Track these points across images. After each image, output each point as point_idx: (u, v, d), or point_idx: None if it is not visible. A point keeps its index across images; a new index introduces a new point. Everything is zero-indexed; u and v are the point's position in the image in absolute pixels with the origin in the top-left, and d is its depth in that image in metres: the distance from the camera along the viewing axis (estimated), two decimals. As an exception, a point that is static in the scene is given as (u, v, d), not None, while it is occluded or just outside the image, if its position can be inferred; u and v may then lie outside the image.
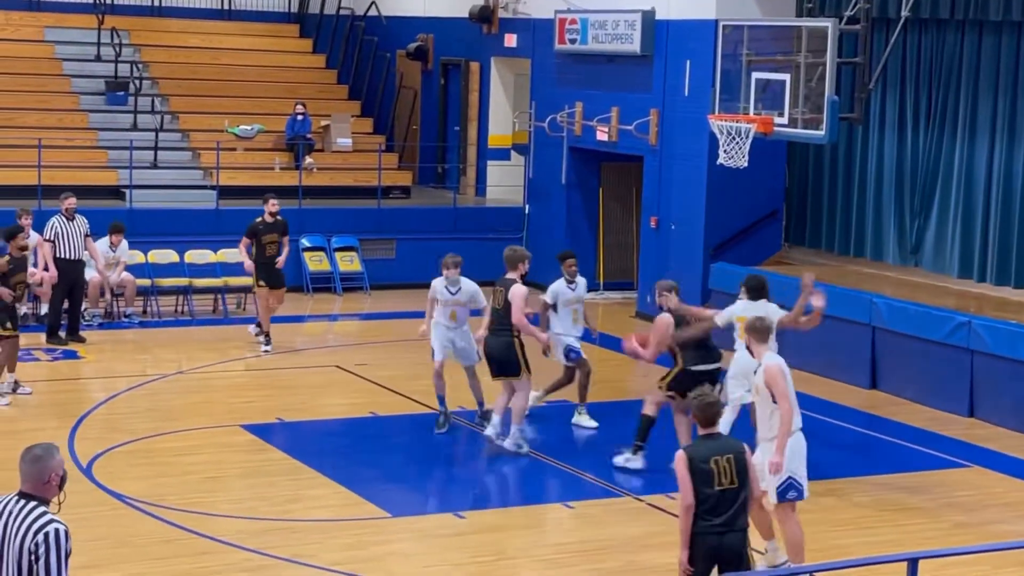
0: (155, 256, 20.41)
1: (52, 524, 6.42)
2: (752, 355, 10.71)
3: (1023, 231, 17.86)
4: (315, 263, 22.12)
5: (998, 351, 15.59)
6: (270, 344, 17.96)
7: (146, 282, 19.99)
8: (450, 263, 14.41)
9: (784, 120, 16.69)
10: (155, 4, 26.65)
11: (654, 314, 19.82)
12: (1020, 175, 17.81)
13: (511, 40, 24.00)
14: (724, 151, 17.10)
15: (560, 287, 14.88)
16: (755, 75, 17.14)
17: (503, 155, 24.73)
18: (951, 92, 18.74)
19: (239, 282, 20.44)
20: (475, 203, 24.55)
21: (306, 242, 21.94)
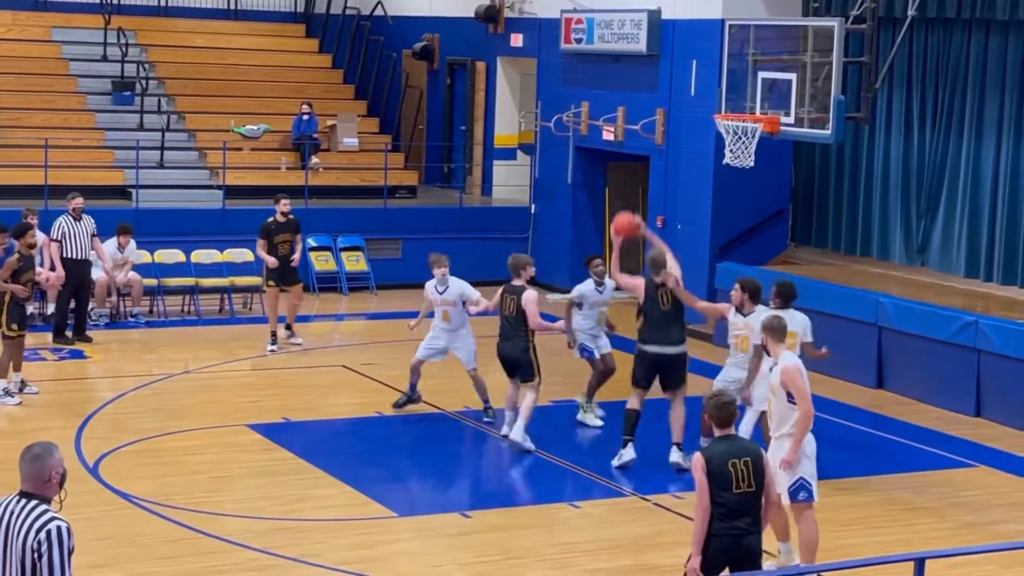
0: (161, 256, 20.42)
1: (54, 522, 6.43)
2: (767, 354, 10.69)
3: (1030, 230, 17.89)
4: (321, 263, 22.12)
5: (1005, 351, 15.56)
6: (276, 343, 17.97)
7: (152, 282, 20.00)
8: (435, 262, 14.67)
9: (790, 120, 16.68)
10: (161, 4, 26.66)
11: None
12: (1027, 174, 17.83)
13: (517, 40, 23.99)
14: (730, 151, 17.09)
15: (588, 289, 14.82)
16: (761, 75, 17.13)
17: (509, 155, 24.73)
18: (958, 91, 18.72)
19: (245, 282, 20.47)
20: (481, 203, 24.54)
21: (312, 242, 21.93)
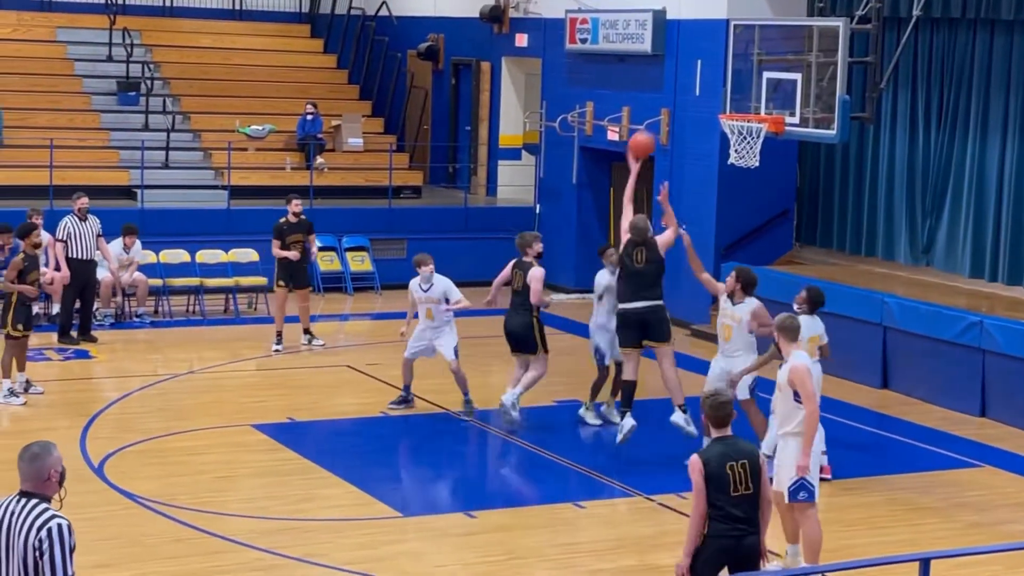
0: (166, 256, 20.43)
1: (55, 520, 6.45)
2: (779, 353, 10.67)
3: (1035, 230, 17.88)
4: (326, 263, 22.12)
5: (1010, 351, 15.55)
6: (281, 343, 17.98)
7: (157, 282, 20.01)
8: (421, 261, 14.92)
9: (795, 120, 16.67)
10: (166, 4, 26.69)
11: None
12: (1032, 174, 17.82)
13: (522, 40, 23.99)
14: (735, 151, 17.08)
15: (605, 278, 14.83)
16: (766, 74, 17.13)
17: (514, 155, 24.73)
18: (963, 91, 18.70)
19: (250, 282, 20.48)
20: (486, 203, 24.54)
21: (317, 242, 21.90)
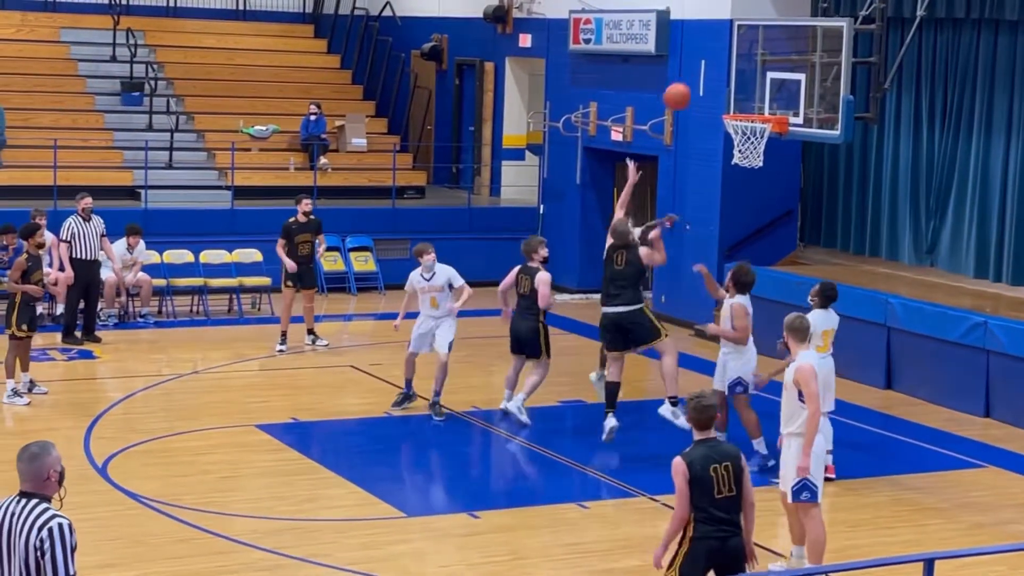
0: (170, 256, 20.44)
1: (56, 519, 6.45)
2: (788, 351, 10.66)
3: (1040, 231, 17.86)
4: (330, 263, 22.12)
5: (1014, 351, 15.53)
6: (285, 343, 17.97)
7: (161, 282, 20.02)
8: (422, 250, 14.99)
9: (799, 120, 16.67)
10: (170, 5, 26.70)
11: (669, 314, 19.91)
12: (1036, 174, 17.80)
13: (526, 40, 23.99)
14: (739, 151, 17.07)
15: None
16: (770, 75, 17.12)
17: (518, 155, 24.72)
18: (967, 91, 18.69)
19: (254, 282, 20.49)
20: (489, 203, 24.54)
21: (324, 242, 21.91)
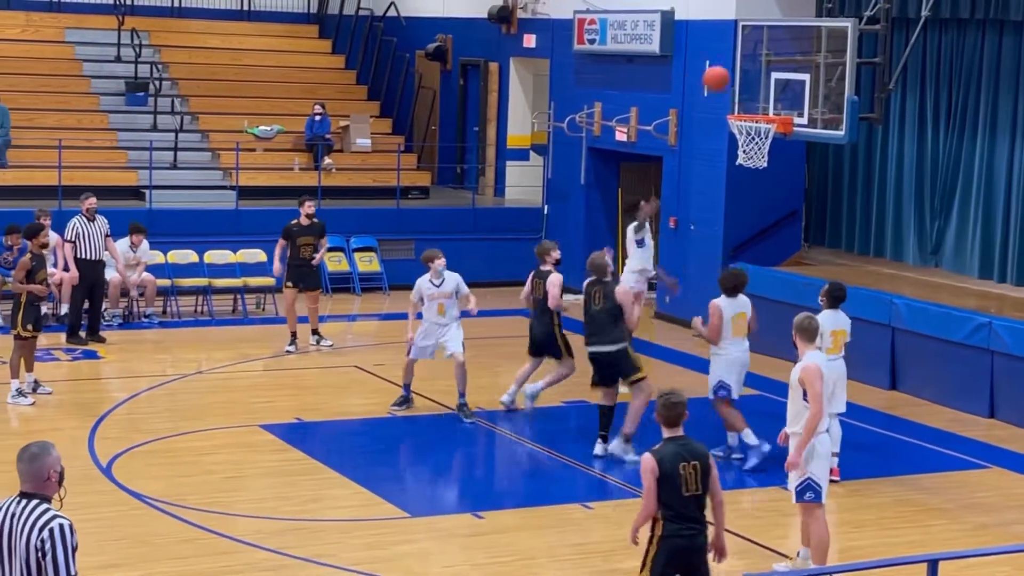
0: (175, 256, 20.44)
1: (56, 520, 6.45)
2: (796, 350, 10.66)
3: (1044, 231, 17.84)
4: (334, 263, 22.13)
5: (1019, 352, 15.52)
6: (294, 344, 17.96)
7: (166, 282, 20.03)
8: (432, 256, 14.94)
9: (804, 120, 16.64)
10: (175, 5, 26.71)
11: (673, 315, 19.93)
12: (1041, 175, 17.79)
13: (530, 40, 23.99)
14: (743, 151, 17.05)
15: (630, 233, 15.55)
16: (775, 75, 17.09)
17: (522, 155, 24.71)
18: (971, 92, 18.68)
19: (258, 282, 20.49)
20: (494, 204, 24.53)
21: (327, 243, 21.90)
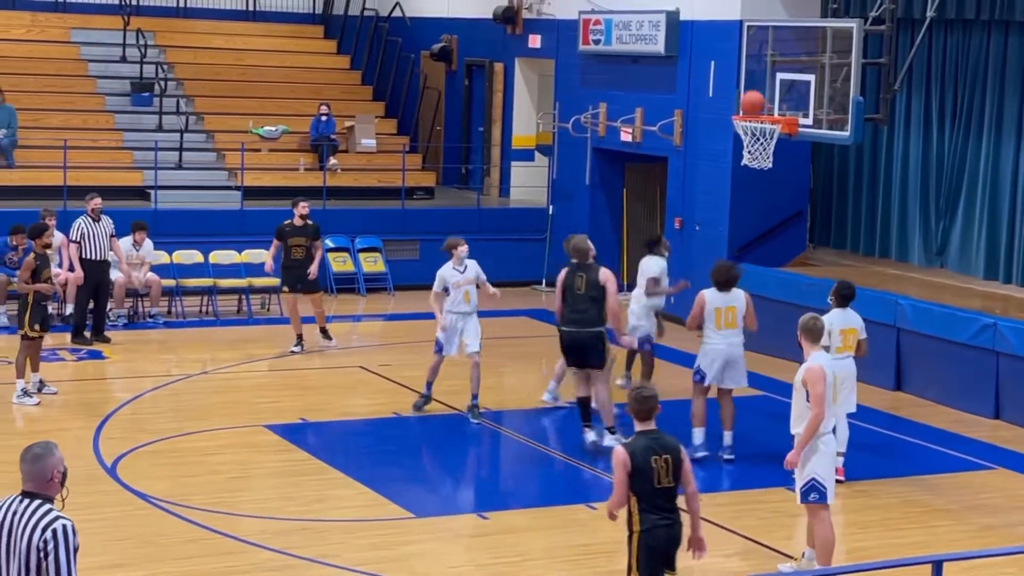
0: (180, 256, 20.46)
1: (59, 520, 6.45)
2: (801, 350, 10.64)
3: (1049, 232, 17.83)
4: (339, 264, 22.15)
5: (1023, 353, 15.53)
6: (299, 345, 17.94)
7: (171, 282, 20.04)
8: (455, 243, 14.83)
9: (809, 121, 16.64)
10: (180, 5, 26.73)
11: (677, 315, 19.89)
12: (1046, 176, 17.77)
13: (535, 41, 23.99)
14: (748, 152, 17.05)
15: (660, 264, 15.78)
16: (780, 76, 17.09)
17: (527, 156, 24.72)
18: (977, 92, 18.67)
19: (263, 283, 20.48)
20: (499, 204, 24.54)
21: (330, 243, 21.93)
